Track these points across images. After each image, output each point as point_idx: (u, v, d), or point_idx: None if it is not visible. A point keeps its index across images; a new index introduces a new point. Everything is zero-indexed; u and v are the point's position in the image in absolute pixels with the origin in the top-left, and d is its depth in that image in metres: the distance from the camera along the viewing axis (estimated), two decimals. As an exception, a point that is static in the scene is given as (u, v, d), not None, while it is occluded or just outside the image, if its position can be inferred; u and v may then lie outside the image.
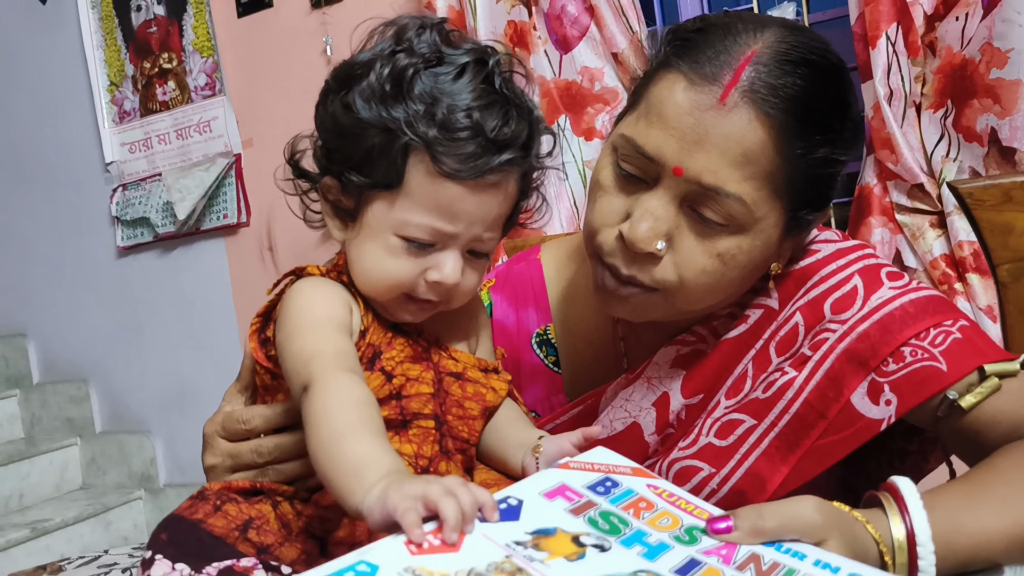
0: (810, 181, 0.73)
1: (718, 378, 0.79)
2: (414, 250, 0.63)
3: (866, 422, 0.73)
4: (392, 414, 0.64)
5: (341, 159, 0.63)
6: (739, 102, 0.68)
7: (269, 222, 2.59)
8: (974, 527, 0.61)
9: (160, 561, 0.56)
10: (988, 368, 0.70)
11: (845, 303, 0.76)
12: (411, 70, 0.60)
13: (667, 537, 0.53)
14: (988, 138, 1.64)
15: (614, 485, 0.58)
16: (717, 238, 0.71)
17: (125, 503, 2.85)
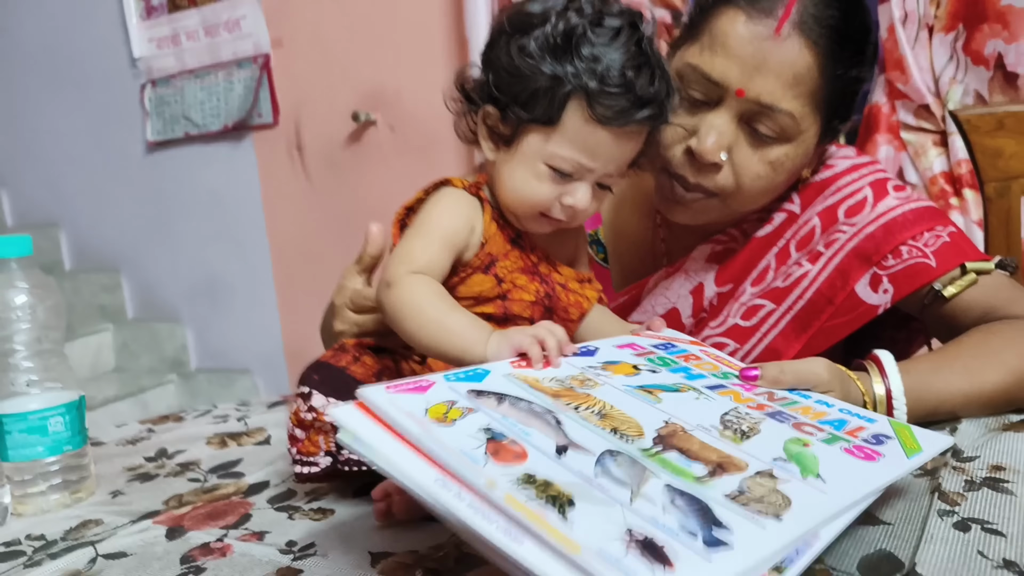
0: (843, 97, 0.87)
1: (745, 270, 0.94)
2: (557, 178, 0.74)
3: (866, 307, 0.88)
4: (496, 311, 0.77)
5: (508, 93, 0.73)
6: (791, 32, 0.81)
7: (298, 122, 2.68)
8: (939, 387, 0.76)
9: (317, 395, 0.71)
10: (969, 265, 0.85)
11: (856, 209, 0.90)
12: (579, 28, 0.70)
13: (707, 373, 0.69)
14: (994, 62, 1.74)
15: (673, 346, 0.74)
16: (769, 148, 0.85)
17: (159, 385, 3.03)
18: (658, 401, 0.60)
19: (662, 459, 0.52)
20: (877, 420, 0.64)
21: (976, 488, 0.64)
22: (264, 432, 0.98)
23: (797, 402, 0.66)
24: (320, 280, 2.76)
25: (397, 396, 0.54)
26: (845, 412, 0.65)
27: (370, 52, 2.53)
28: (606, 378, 0.63)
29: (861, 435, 0.61)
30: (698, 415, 0.59)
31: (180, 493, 0.82)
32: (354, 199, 2.64)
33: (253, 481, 0.83)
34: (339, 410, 0.53)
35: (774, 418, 0.61)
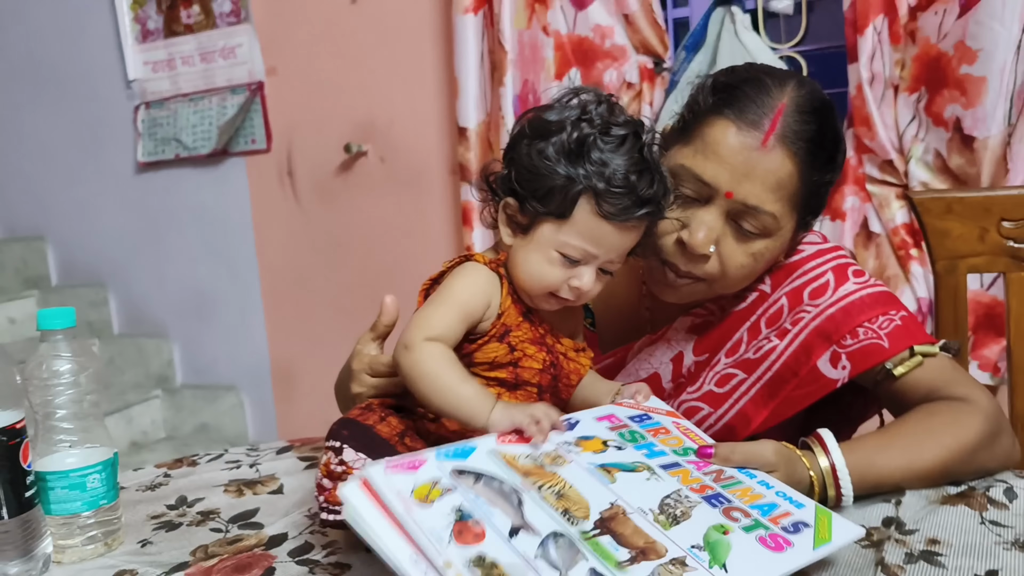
0: (816, 197, 0.98)
1: (721, 342, 1.04)
2: (566, 263, 0.84)
3: (826, 381, 0.98)
4: (508, 377, 0.87)
5: (527, 189, 0.83)
6: (775, 144, 0.92)
7: (289, 149, 2.76)
8: (881, 463, 0.86)
9: (348, 449, 0.80)
10: (916, 348, 0.96)
11: (819, 292, 1.01)
12: (591, 138, 0.81)
13: (668, 450, 0.80)
14: (953, 125, 1.87)
15: (648, 418, 0.85)
16: (752, 242, 0.96)
17: (144, 401, 3.09)
18: (613, 481, 0.71)
19: (596, 543, 0.64)
20: (805, 506, 0.73)
21: (914, 561, 0.75)
22: (277, 480, 1.06)
23: (740, 483, 0.76)
24: (307, 301, 2.84)
25: (392, 475, 0.65)
26: (780, 496, 0.75)
27: (363, 84, 2.61)
28: (575, 455, 0.74)
29: (783, 521, 0.70)
30: (643, 497, 0.70)
31: (205, 544, 0.90)
32: (343, 226, 2.72)
33: (273, 532, 0.91)
34: (346, 488, 0.64)
35: (710, 501, 0.72)
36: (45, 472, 0.87)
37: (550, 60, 2.29)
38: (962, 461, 0.88)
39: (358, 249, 2.70)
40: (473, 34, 2.32)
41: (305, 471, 1.08)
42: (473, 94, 2.34)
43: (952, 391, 0.93)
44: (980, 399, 0.91)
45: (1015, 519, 0.81)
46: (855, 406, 1.10)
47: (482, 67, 2.35)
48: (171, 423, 3.13)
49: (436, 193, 2.56)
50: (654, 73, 2.27)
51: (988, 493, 0.86)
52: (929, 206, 1.17)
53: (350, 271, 2.72)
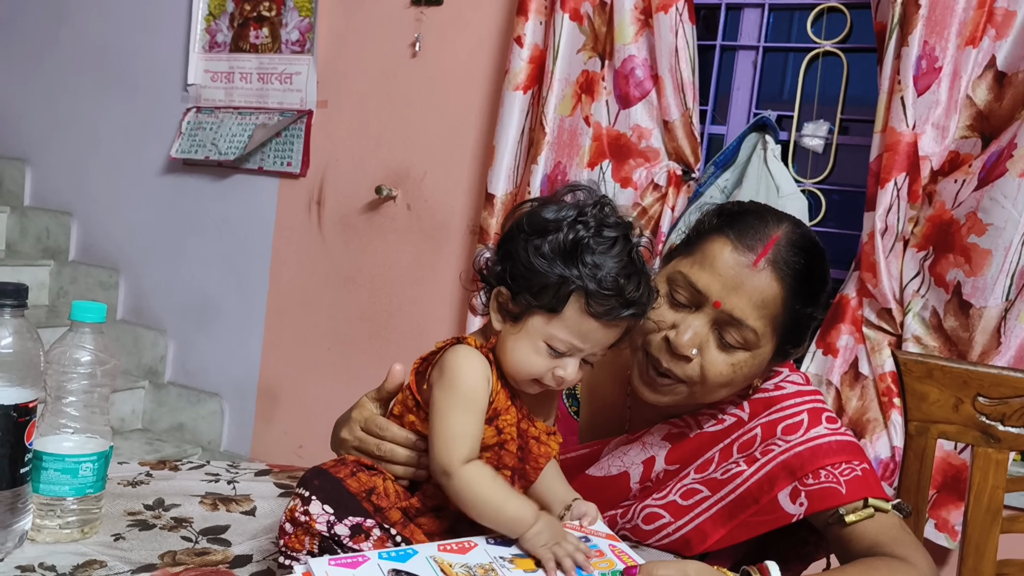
0: (797, 328, 1.05)
1: (693, 456, 1.10)
2: (552, 353, 0.89)
3: (783, 514, 1.04)
4: (492, 459, 0.91)
5: (521, 282, 0.88)
6: (765, 267, 1.01)
7: (323, 179, 2.85)
8: None
9: (315, 502, 0.85)
10: (870, 501, 1.01)
11: (792, 429, 1.07)
12: (585, 240, 0.87)
13: (597, 573, 0.83)
14: (953, 288, 1.95)
15: (586, 540, 0.89)
16: (733, 353, 1.03)
17: (129, 389, 3.13)
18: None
19: None
20: None
21: None
22: (251, 502, 1.11)
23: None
24: (309, 327, 2.90)
25: (333, 569, 0.76)
26: None
27: (406, 133, 2.72)
28: (508, 571, 0.81)
29: None
30: None
31: (174, 550, 0.94)
32: (359, 261, 2.79)
33: (239, 552, 0.96)
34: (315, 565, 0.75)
35: None
36: (43, 452, 0.92)
37: (585, 148, 2.39)
38: (893, 618, 0.92)
39: (368, 286, 2.78)
40: (519, 111, 2.43)
41: (279, 498, 1.13)
42: (507, 165, 2.44)
43: (895, 549, 0.98)
44: (920, 562, 0.96)
45: None
46: (809, 544, 1.14)
47: (520, 142, 2.45)
48: (150, 416, 3.17)
49: (453, 249, 2.64)
50: (682, 180, 2.36)
51: (914, 653, 0.91)
52: (911, 367, 1.23)
53: (356, 306, 2.79)
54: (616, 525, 1.12)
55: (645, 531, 1.09)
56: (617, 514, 1.12)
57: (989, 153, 1.93)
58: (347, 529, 0.85)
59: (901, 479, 1.25)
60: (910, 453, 1.24)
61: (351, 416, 1.00)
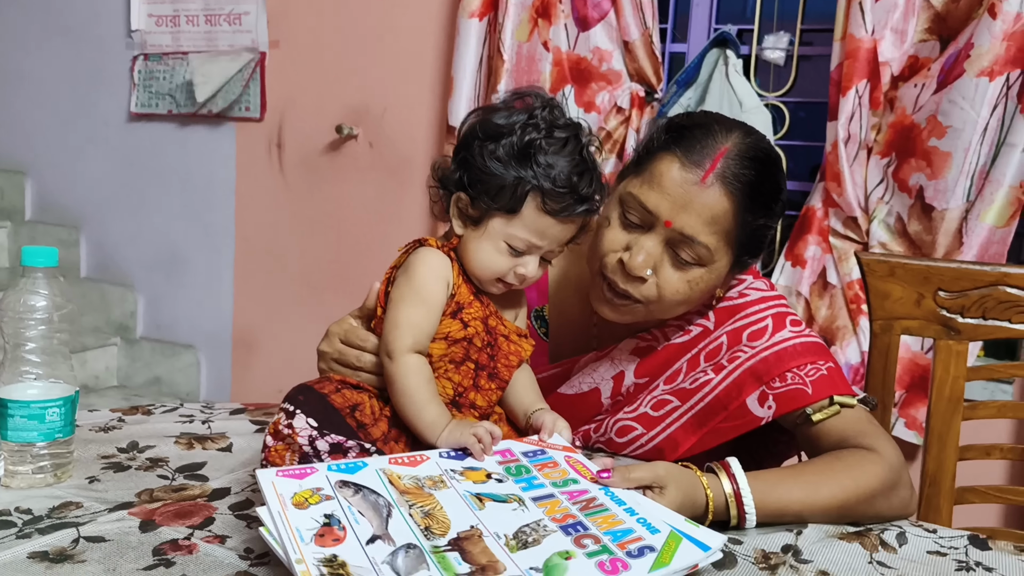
0: (752, 239, 1.05)
1: (662, 368, 1.11)
2: (513, 253, 0.93)
3: (752, 418, 1.06)
4: (459, 352, 0.94)
5: (478, 187, 0.92)
6: (714, 182, 0.99)
7: (281, 122, 2.79)
8: (780, 493, 0.92)
9: (300, 415, 0.86)
10: (836, 398, 1.03)
11: (758, 335, 1.08)
12: (537, 141, 0.90)
13: (547, 482, 0.85)
14: (916, 193, 1.96)
15: (541, 453, 0.91)
16: (688, 270, 1.03)
17: (101, 347, 3.10)
18: (481, 508, 0.78)
19: (443, 556, 0.70)
20: (659, 532, 0.78)
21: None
22: (227, 439, 1.11)
23: (607, 510, 0.81)
24: (278, 272, 2.87)
25: (279, 479, 0.77)
26: (640, 523, 0.79)
27: (362, 70, 2.66)
28: (457, 483, 0.82)
29: (631, 546, 0.75)
30: (502, 524, 0.76)
31: (151, 488, 0.95)
32: (325, 204, 2.76)
33: (216, 486, 0.96)
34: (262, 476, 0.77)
35: (565, 530, 0.77)
36: (7, 399, 0.91)
37: (546, 75, 2.36)
38: (859, 503, 0.95)
39: (335, 228, 2.75)
40: (475, 38, 2.38)
41: (255, 434, 1.13)
42: (466, 95, 2.40)
43: (861, 441, 1.00)
44: (886, 451, 0.99)
45: (900, 562, 0.88)
46: (780, 444, 1.17)
47: (479, 71, 2.41)
48: (124, 372, 3.15)
49: (419, 184, 2.61)
50: (645, 101, 2.34)
51: (882, 536, 0.94)
52: (874, 267, 1.25)
53: (324, 248, 2.76)
54: (590, 440, 1.13)
55: (618, 443, 1.11)
56: (590, 429, 1.13)
57: (947, 55, 1.93)
58: (327, 445, 0.87)
59: (868, 376, 1.28)
60: (875, 351, 1.26)
61: (330, 330, 1.01)
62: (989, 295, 1.21)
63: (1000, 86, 1.86)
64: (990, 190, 1.89)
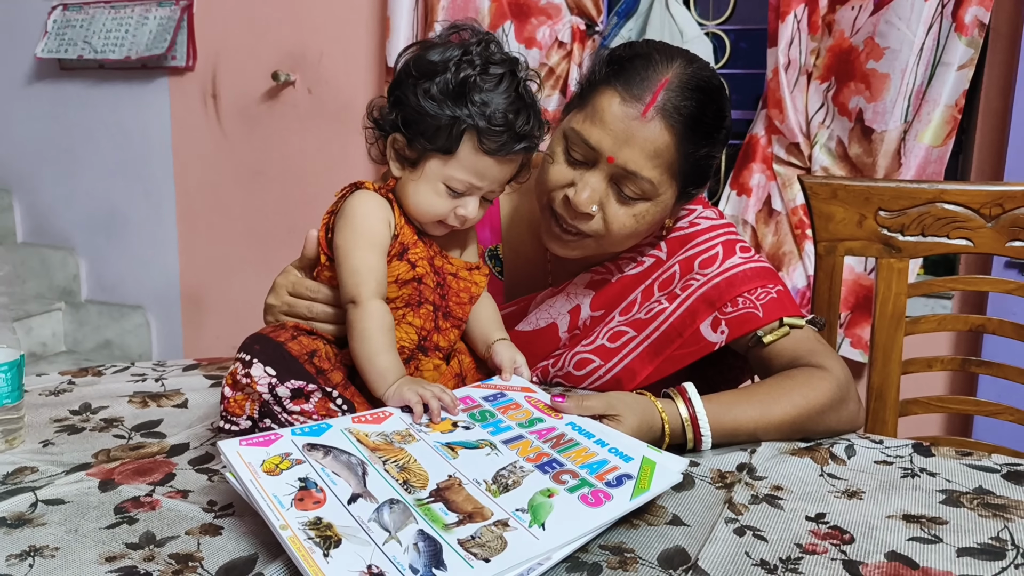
0: (696, 169, 1.05)
1: (616, 300, 1.12)
2: (452, 194, 0.92)
3: (706, 343, 1.08)
4: (412, 294, 0.93)
5: (413, 127, 0.89)
6: (655, 116, 0.99)
7: (215, 71, 2.70)
8: (735, 413, 0.95)
9: (257, 364, 0.85)
10: (786, 320, 1.06)
11: (709, 263, 1.10)
12: (472, 78, 0.88)
13: (514, 424, 0.86)
14: (856, 116, 1.99)
15: (501, 396, 0.91)
16: (633, 204, 1.03)
17: (46, 312, 3.02)
18: (455, 457, 0.78)
19: (428, 508, 0.70)
20: (632, 460, 0.80)
21: (758, 502, 0.84)
22: (182, 395, 1.10)
23: (577, 444, 0.82)
24: (223, 226, 2.82)
25: (244, 449, 0.75)
26: (612, 452, 0.81)
27: (296, 13, 2.58)
28: (425, 435, 0.82)
29: (608, 477, 0.77)
30: (479, 470, 0.77)
31: (108, 448, 0.93)
32: (266, 153, 2.70)
33: (175, 442, 0.95)
34: (225, 447, 0.75)
35: (542, 468, 0.78)
36: (-50, 369, 0.89)
37: (484, 11, 2.31)
38: (810, 418, 0.98)
39: (278, 178, 2.69)
40: (411, -25, 2.32)
41: (210, 388, 1.12)
42: (404, 35, 2.35)
43: (811, 360, 1.03)
44: (834, 368, 1.02)
45: (849, 473, 0.92)
46: (734, 369, 1.20)
47: (415, 10, 2.35)
48: (72, 337, 3.08)
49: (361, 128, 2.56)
50: (586, 35, 2.31)
51: (832, 449, 0.97)
52: (817, 190, 1.27)
53: (269, 199, 2.71)
54: (549, 375, 1.15)
55: (577, 376, 1.13)
56: (549, 364, 1.15)
57: (883, -24, 1.94)
58: (288, 391, 0.86)
59: (814, 298, 1.31)
60: (820, 273, 1.29)
61: (276, 282, 1.00)
62: (928, 212, 1.25)
63: (935, 5, 1.88)
64: (927, 110, 1.92)
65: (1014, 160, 1.94)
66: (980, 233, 1.24)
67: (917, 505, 0.84)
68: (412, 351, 0.94)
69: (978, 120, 2.03)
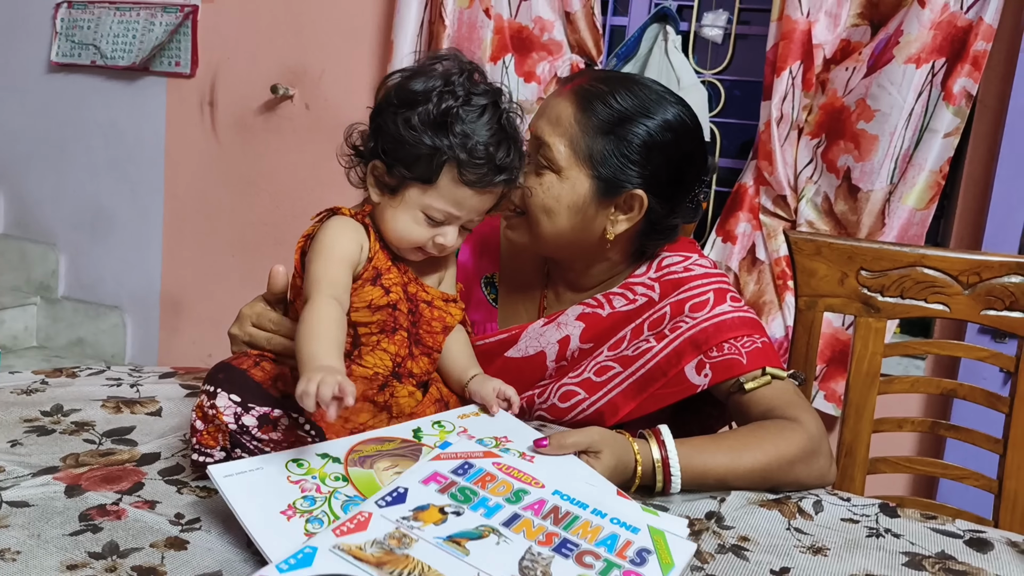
0: (609, 164, 1.07)
1: (606, 335, 1.14)
2: (430, 222, 0.92)
3: (689, 385, 1.09)
4: (387, 320, 0.93)
5: (393, 155, 0.89)
6: (568, 94, 1.09)
7: (214, 79, 2.71)
8: (705, 458, 0.95)
9: (221, 394, 0.84)
10: (767, 369, 1.07)
11: (699, 307, 1.12)
12: (454, 109, 0.88)
13: (501, 500, 0.81)
14: (843, 174, 2.03)
15: (470, 467, 0.85)
16: (542, 176, 1.09)
17: (20, 306, 2.99)
18: (466, 553, 0.72)
19: None
20: (639, 530, 0.78)
21: (725, 552, 0.85)
22: (156, 403, 1.09)
23: (578, 518, 0.79)
24: (209, 234, 2.81)
25: None
26: (616, 523, 0.79)
27: (300, 28, 2.60)
28: (418, 531, 0.74)
29: (628, 553, 0.75)
30: (500, 566, 0.71)
31: (77, 452, 0.93)
32: (258, 165, 2.70)
33: (146, 451, 0.95)
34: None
35: (560, 552, 0.74)
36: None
37: (487, 42, 2.34)
38: (779, 469, 0.99)
39: (269, 190, 2.69)
40: (416, 2, 2.35)
41: (186, 398, 1.12)
42: (406, 60, 2.37)
43: (787, 411, 1.04)
44: (808, 422, 1.03)
45: (816, 529, 0.92)
46: (711, 418, 1.21)
47: (419, 36, 2.38)
48: (45, 332, 3.05)
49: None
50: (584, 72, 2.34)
51: (800, 503, 0.98)
52: (802, 246, 1.29)
53: (258, 211, 2.71)
54: (534, 405, 1.15)
55: (561, 408, 1.14)
56: (535, 394, 1.15)
57: (877, 40, 1.98)
58: (254, 420, 0.85)
59: (792, 350, 1.33)
60: (799, 326, 1.31)
61: (242, 312, 1.00)
62: (908, 275, 1.27)
63: (926, 73, 1.92)
64: (912, 173, 1.96)
65: (993, 228, 1.99)
66: (957, 299, 1.26)
67: (880, 566, 0.84)
68: (387, 378, 0.93)
69: (961, 187, 2.07)
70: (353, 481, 0.80)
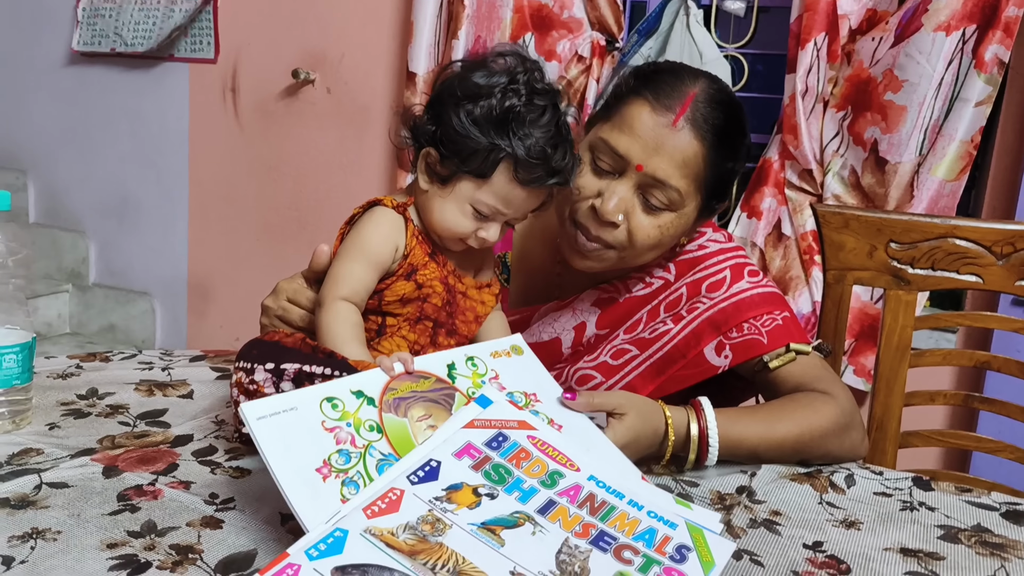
0: (720, 182, 1.06)
1: (622, 319, 1.13)
2: (477, 216, 0.93)
3: (709, 366, 1.08)
4: (414, 311, 0.94)
5: (450, 146, 0.90)
6: (684, 126, 1.00)
7: (236, 65, 2.72)
8: (739, 428, 0.96)
9: (258, 368, 0.85)
10: (792, 346, 1.06)
11: (716, 286, 1.10)
12: (517, 108, 0.88)
13: (536, 483, 0.79)
14: (870, 146, 1.99)
15: (504, 439, 0.83)
16: (659, 215, 1.03)
17: (53, 293, 3.04)
18: (501, 544, 0.70)
19: None
20: (677, 526, 0.76)
21: (756, 526, 0.85)
22: (188, 386, 1.11)
23: (615, 508, 0.77)
24: (234, 219, 2.83)
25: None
26: (653, 517, 0.77)
27: (320, 13, 2.59)
28: (452, 515, 0.71)
29: (667, 549, 0.73)
30: (537, 559, 0.69)
31: (112, 434, 0.94)
32: (281, 149, 2.71)
33: (179, 433, 0.96)
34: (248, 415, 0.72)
35: (599, 546, 0.72)
36: (-37, 347, 0.90)
37: (507, 21, 2.33)
38: (812, 441, 0.98)
39: (292, 174, 2.71)
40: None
41: (216, 380, 1.13)
42: (427, 41, 2.36)
43: (816, 385, 1.04)
44: (839, 394, 1.03)
45: (848, 503, 0.92)
46: (736, 390, 1.20)
47: (439, 17, 2.37)
48: (77, 319, 3.10)
49: (377, 131, 2.58)
50: (605, 50, 2.32)
51: (831, 477, 0.98)
52: (829, 219, 1.27)
53: (281, 195, 2.72)
54: (549, 388, 1.15)
55: (578, 392, 1.13)
56: (550, 377, 1.15)
57: (905, 9, 1.94)
58: (290, 383, 0.84)
59: (820, 325, 1.32)
60: (828, 301, 1.29)
61: (279, 286, 1.01)
62: (939, 247, 1.25)
63: (956, 41, 1.88)
64: (942, 144, 1.93)
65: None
66: (990, 270, 1.24)
67: (915, 539, 0.84)
68: None
69: (993, 157, 2.03)
70: (387, 432, 0.79)
